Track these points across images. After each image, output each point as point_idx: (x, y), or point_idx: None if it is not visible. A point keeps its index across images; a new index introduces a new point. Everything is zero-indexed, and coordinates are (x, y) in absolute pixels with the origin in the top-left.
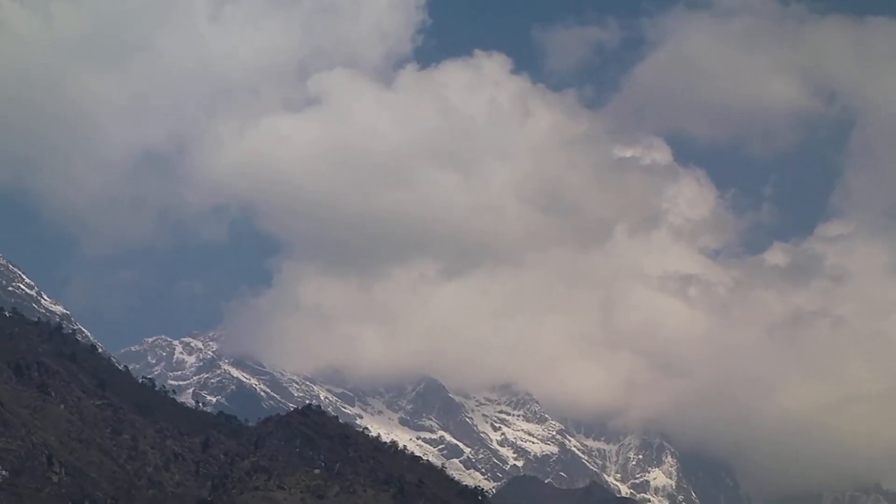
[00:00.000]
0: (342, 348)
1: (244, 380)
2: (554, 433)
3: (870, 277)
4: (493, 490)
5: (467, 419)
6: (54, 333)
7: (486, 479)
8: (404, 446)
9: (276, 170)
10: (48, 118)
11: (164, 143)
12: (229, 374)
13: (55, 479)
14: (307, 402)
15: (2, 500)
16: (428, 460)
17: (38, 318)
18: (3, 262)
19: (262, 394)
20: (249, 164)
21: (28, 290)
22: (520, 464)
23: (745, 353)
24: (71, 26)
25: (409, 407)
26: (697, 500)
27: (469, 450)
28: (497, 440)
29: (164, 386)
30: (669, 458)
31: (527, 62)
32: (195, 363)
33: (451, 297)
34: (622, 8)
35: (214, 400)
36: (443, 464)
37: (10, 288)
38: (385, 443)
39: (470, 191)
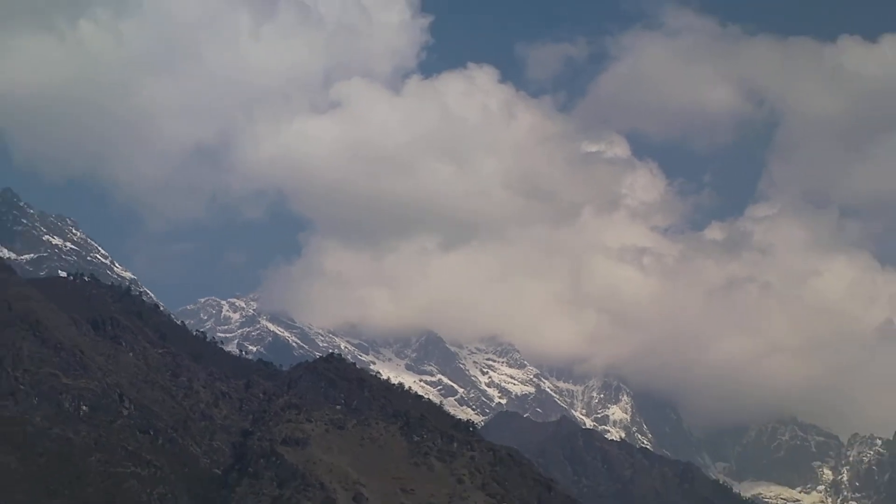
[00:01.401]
0: (358, 307)
1: (279, 333)
2: (531, 377)
3: (791, 250)
4: (482, 423)
5: (461, 365)
6: (124, 295)
7: (475, 414)
8: (409, 387)
9: (305, 161)
10: (117, 119)
11: (213, 139)
12: (267, 328)
13: (125, 413)
14: (330, 351)
15: (82, 431)
16: (428, 399)
17: (112, 282)
18: (83, 236)
19: (294, 344)
20: (283, 157)
21: (103, 260)
22: (503, 402)
23: (688, 311)
24: (136, 42)
25: (413, 355)
26: (648, 431)
27: (462, 390)
28: (485, 382)
29: (213, 338)
30: (625, 397)
31: (511, 73)
32: (239, 319)
33: (447, 266)
34: (589, 28)
35: (255, 349)
36: (440, 402)
37: (88, 258)
38: (393, 384)
39: (463, 179)
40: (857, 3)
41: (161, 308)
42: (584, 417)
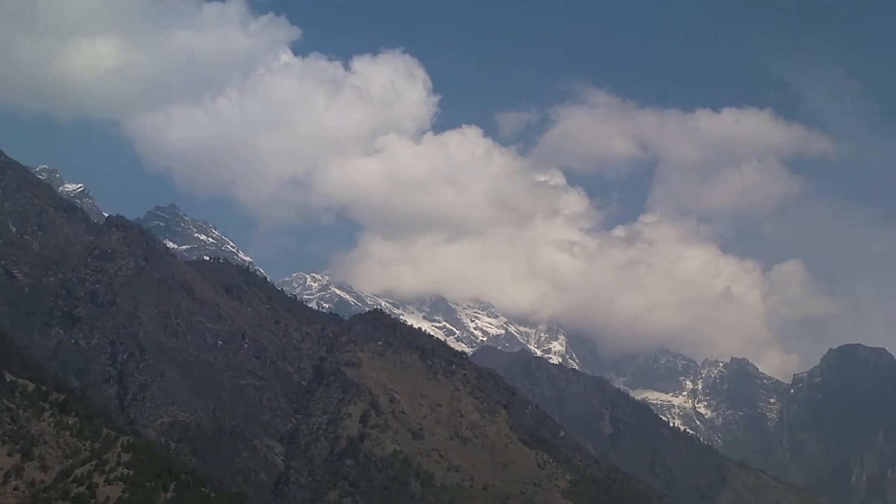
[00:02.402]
0: (393, 279)
1: (342, 295)
2: (502, 323)
3: (666, 243)
4: (470, 353)
5: (458, 316)
6: (245, 271)
7: (466, 347)
8: (425, 330)
9: (359, 186)
10: (241, 160)
11: (301, 173)
12: (335, 292)
13: (245, 346)
14: (375, 307)
15: (219, 357)
16: (437, 337)
17: (237, 263)
18: (219, 234)
19: (352, 303)
20: (345, 183)
21: (231, 249)
22: (484, 339)
23: (602, 282)
24: (253, 111)
25: (427, 309)
26: (576, 358)
27: (458, 332)
28: (472, 327)
29: (301, 299)
30: (561, 336)
31: (490, 131)
32: (317, 287)
33: (449, 253)
34: (539, 102)
35: (327, 306)
36: (445, 339)
37: (222, 248)
38: (415, 328)
39: (459, 198)
40: (708, 87)
41: (268, 279)
42: (535, 349)
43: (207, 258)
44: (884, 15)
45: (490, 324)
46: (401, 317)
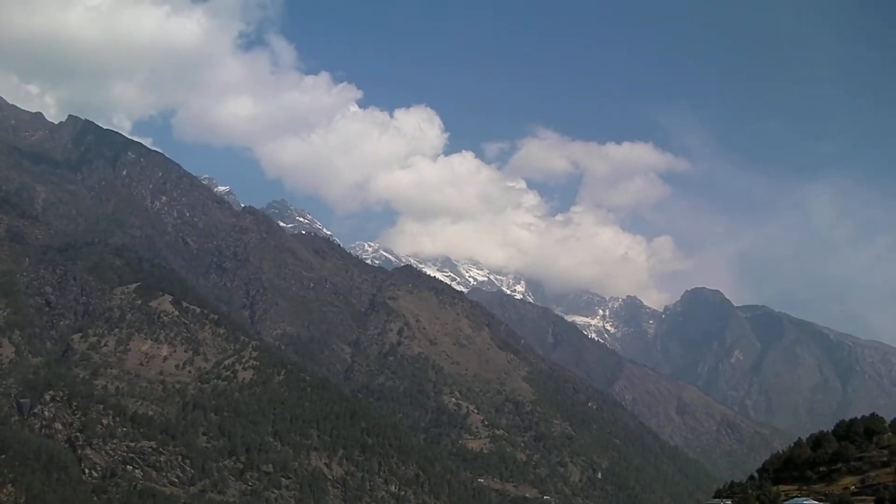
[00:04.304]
0: (418, 245)
1: (388, 255)
2: (486, 273)
3: (588, 225)
4: (466, 291)
5: (458, 269)
6: (327, 240)
7: (464, 288)
8: (438, 277)
9: (397, 189)
10: (327, 173)
11: (362, 180)
12: (383, 253)
13: (327, 286)
14: (407, 263)
15: (311, 292)
16: (445, 282)
17: (322, 235)
18: (312, 217)
19: (393, 260)
20: (388, 187)
21: (319, 227)
22: (475, 283)
23: (548, 249)
24: (334, 143)
25: (439, 264)
26: (532, 294)
27: (458, 278)
28: (468, 275)
29: (361, 257)
30: (523, 282)
31: (479, 154)
32: (372, 250)
33: (453, 230)
34: (509, 136)
35: (378, 262)
36: (450, 283)
37: (313, 226)
38: (432, 276)
39: (460, 196)
40: (614, 128)
41: (341, 245)
42: (506, 290)
43: (304, 232)
44: (723, 85)
45: (478, 273)
46: (423, 269)
